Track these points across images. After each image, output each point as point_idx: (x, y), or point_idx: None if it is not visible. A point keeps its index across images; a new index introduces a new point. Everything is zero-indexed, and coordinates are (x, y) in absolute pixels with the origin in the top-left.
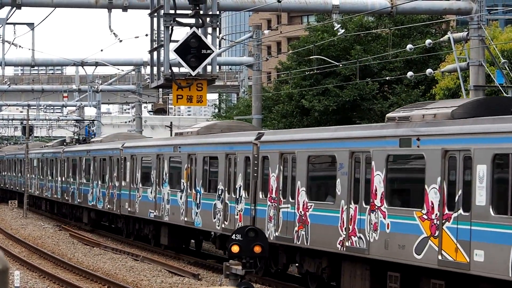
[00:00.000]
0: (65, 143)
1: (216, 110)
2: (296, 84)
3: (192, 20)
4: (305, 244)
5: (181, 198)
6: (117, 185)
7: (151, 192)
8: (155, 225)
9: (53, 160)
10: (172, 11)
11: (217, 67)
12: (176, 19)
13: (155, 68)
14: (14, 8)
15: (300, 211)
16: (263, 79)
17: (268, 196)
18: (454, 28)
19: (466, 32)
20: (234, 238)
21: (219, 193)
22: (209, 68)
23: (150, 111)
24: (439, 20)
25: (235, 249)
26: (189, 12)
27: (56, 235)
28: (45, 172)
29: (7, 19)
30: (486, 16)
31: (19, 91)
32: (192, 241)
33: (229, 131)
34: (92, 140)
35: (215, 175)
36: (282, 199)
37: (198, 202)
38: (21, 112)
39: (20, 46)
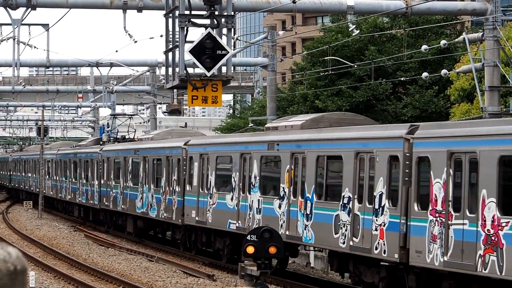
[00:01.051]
0: (101, 142)
1: (231, 111)
2: (311, 85)
3: (207, 21)
4: (498, 273)
5: (279, 207)
6: (177, 190)
7: (232, 199)
8: (234, 238)
9: (88, 161)
10: (187, 12)
11: (232, 67)
12: (191, 19)
13: (170, 69)
14: (29, 9)
15: (487, 229)
16: (278, 80)
17: (430, 208)
18: (469, 29)
19: (481, 33)
20: (249, 239)
21: (344, 201)
22: (224, 68)
23: (164, 112)
24: (454, 21)
25: (250, 250)
26: (204, 12)
27: (71, 236)
28: (78, 175)
29: (22, 20)
30: (501, 17)
31: (34, 92)
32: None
33: (339, 124)
34: (139, 137)
35: (337, 179)
36: (453, 212)
37: (308, 213)
38: (36, 113)
39: (35, 47)
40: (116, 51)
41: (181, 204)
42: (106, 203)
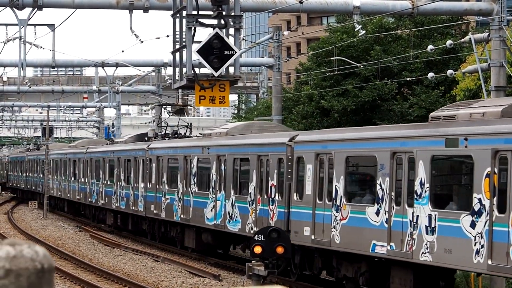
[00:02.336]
0: (146, 138)
1: (236, 111)
2: (316, 85)
3: (214, 21)
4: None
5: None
6: (277, 198)
7: (378, 213)
8: (376, 265)
9: (131, 161)
10: (194, 12)
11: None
12: (199, 20)
13: (177, 69)
14: (35, 9)
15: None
16: (283, 80)
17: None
18: (474, 29)
19: (487, 33)
20: (256, 238)
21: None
22: (231, 69)
23: (169, 112)
24: (459, 21)
25: (258, 249)
26: (211, 13)
27: (77, 236)
28: (116, 176)
29: (28, 20)
30: (507, 17)
31: (39, 92)
32: None
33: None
34: (205, 133)
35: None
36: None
37: None
38: (41, 113)
39: (41, 47)
40: (122, 51)
41: (285, 217)
42: (155, 211)
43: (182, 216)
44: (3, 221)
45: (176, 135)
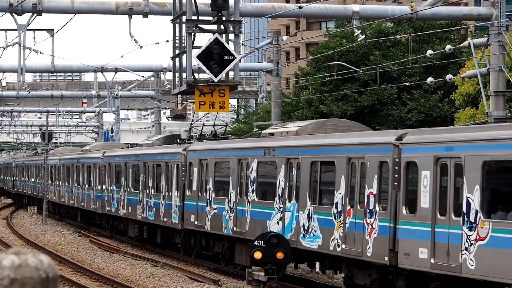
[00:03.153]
0: (178, 140)
1: (235, 116)
2: (315, 90)
3: (214, 26)
4: None
5: None
6: (376, 209)
7: None
8: None
9: (161, 166)
10: (194, 18)
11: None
12: (199, 25)
13: (177, 74)
14: (35, 14)
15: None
16: (282, 85)
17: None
18: (473, 34)
19: (486, 38)
20: (256, 244)
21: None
22: (231, 74)
23: (168, 117)
24: (458, 25)
25: (258, 255)
26: (211, 18)
27: (76, 241)
28: (142, 183)
29: (28, 25)
30: (506, 22)
31: (38, 97)
32: None
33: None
34: (271, 131)
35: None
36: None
37: None
38: (40, 118)
39: (40, 52)
40: (122, 56)
41: (390, 234)
42: (196, 222)
43: (234, 228)
44: (2, 226)
45: (215, 136)
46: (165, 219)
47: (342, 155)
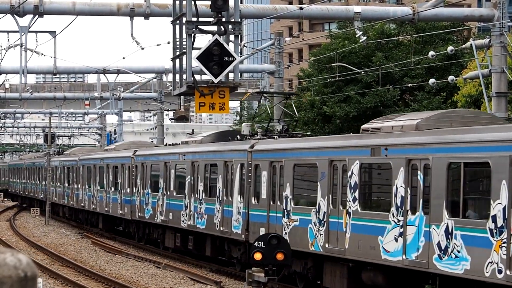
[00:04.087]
0: (238, 137)
1: (238, 118)
2: (318, 91)
3: (214, 28)
4: None
5: None
6: None
7: None
8: None
9: (217, 166)
10: (194, 19)
11: (239, 74)
12: (199, 26)
13: (177, 76)
14: (36, 16)
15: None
16: (285, 87)
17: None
18: (476, 35)
19: (488, 39)
20: (256, 245)
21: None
22: (231, 75)
23: (171, 119)
24: (461, 27)
25: (258, 256)
26: (211, 19)
27: (78, 243)
28: (190, 187)
29: (30, 27)
30: (508, 23)
31: (41, 99)
32: None
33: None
34: (375, 126)
35: None
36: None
37: None
38: (43, 120)
39: (42, 54)
40: (123, 58)
41: None
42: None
43: (326, 245)
44: (5, 228)
45: (287, 133)
46: (221, 228)
47: (502, 154)
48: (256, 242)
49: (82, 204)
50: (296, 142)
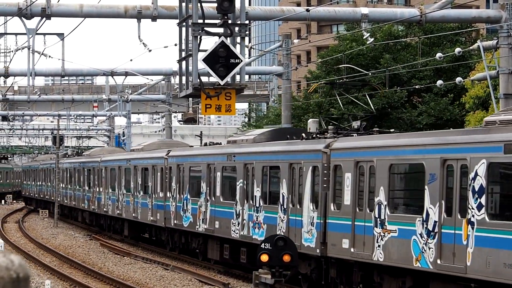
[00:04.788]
0: (302, 136)
1: (246, 120)
2: (326, 93)
3: (220, 30)
4: None
5: None
6: None
7: None
8: None
9: (282, 169)
10: (200, 21)
11: (247, 76)
12: (205, 28)
13: (183, 78)
14: (44, 18)
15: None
16: (293, 88)
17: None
18: (484, 36)
19: (496, 41)
20: (263, 247)
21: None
22: (237, 77)
23: (180, 121)
24: (469, 28)
25: (264, 258)
26: (217, 21)
27: (87, 245)
28: (254, 192)
29: (37, 30)
30: None
31: (49, 101)
32: None
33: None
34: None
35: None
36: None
37: None
38: (52, 122)
39: (50, 56)
40: (131, 60)
41: None
42: (353, 249)
43: (438, 261)
44: (14, 229)
45: (365, 130)
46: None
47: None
48: (263, 244)
49: (105, 209)
50: (392, 138)
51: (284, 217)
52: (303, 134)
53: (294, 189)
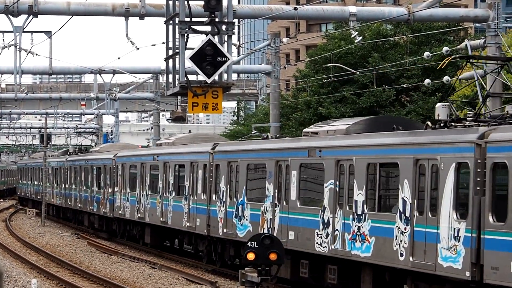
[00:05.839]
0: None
1: (235, 118)
2: (314, 92)
3: (207, 28)
4: None
5: None
6: None
7: None
8: None
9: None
10: (187, 19)
11: (236, 75)
12: (192, 26)
13: (170, 76)
14: (31, 16)
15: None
16: (281, 87)
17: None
18: (472, 36)
19: (483, 40)
20: (249, 245)
21: None
22: (225, 75)
23: (168, 119)
24: (457, 27)
25: (251, 256)
26: (204, 19)
27: (74, 244)
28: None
29: (24, 27)
30: (503, 24)
31: (37, 100)
32: None
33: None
34: None
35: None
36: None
37: None
38: (40, 120)
39: (37, 54)
40: (119, 58)
41: None
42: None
43: None
44: (1, 228)
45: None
46: (412, 259)
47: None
48: (249, 242)
49: (120, 212)
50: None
51: (406, 228)
52: (428, 123)
53: (423, 192)
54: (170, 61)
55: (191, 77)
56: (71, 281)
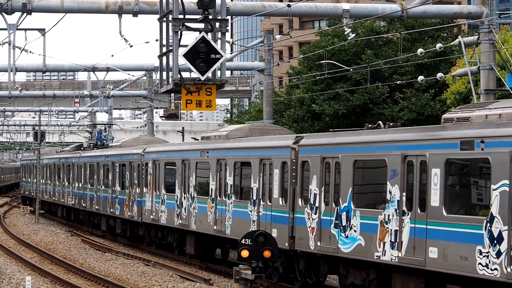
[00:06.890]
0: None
1: (228, 115)
2: (307, 89)
3: (201, 25)
4: None
5: None
6: None
7: None
8: None
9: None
10: (181, 16)
11: (229, 72)
12: (185, 23)
13: (164, 73)
14: (25, 13)
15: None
16: (275, 84)
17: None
18: (465, 32)
19: (477, 36)
20: (243, 242)
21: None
22: (218, 72)
23: (162, 116)
24: (450, 24)
25: (245, 253)
26: (198, 17)
27: (68, 241)
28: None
29: (18, 25)
30: (496, 20)
31: (30, 97)
32: None
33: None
34: None
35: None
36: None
37: None
38: (33, 118)
39: (31, 52)
40: (112, 55)
41: None
42: None
43: None
44: None
45: None
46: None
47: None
48: (243, 240)
49: (152, 217)
50: None
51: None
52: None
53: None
54: (164, 58)
55: (185, 74)
56: (65, 278)
